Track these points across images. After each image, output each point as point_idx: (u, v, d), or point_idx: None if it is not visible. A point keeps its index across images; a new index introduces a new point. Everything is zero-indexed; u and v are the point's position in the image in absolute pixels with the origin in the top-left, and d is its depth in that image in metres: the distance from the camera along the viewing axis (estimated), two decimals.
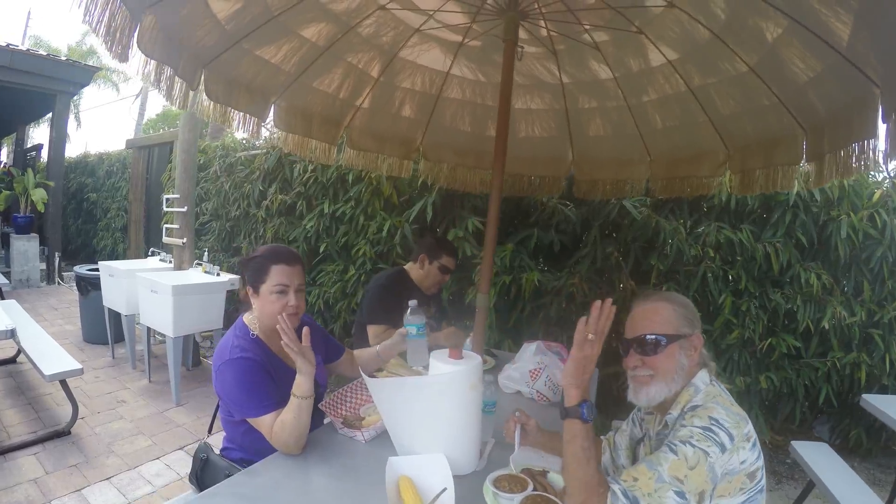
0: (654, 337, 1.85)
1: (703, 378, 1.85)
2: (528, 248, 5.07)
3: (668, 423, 1.83)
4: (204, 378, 6.06)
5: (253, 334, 2.37)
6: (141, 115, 28.66)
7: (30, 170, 11.33)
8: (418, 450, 2.12)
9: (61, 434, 4.62)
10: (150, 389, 5.75)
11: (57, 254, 11.35)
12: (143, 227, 10.06)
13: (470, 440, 2.16)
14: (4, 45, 10.57)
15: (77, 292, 7.15)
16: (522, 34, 3.16)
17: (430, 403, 2.08)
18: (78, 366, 4.63)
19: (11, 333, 3.90)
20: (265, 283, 2.31)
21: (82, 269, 7.08)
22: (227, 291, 5.78)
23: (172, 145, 8.59)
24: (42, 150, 17.13)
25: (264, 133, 4.41)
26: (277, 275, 2.31)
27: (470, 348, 3.17)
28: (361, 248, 5.54)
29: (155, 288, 5.33)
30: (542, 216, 5.16)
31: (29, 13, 44.75)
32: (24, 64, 10.79)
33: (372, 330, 3.63)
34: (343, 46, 3.45)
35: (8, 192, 11.42)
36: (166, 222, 6.56)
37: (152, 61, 2.60)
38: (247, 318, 2.44)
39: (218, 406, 2.58)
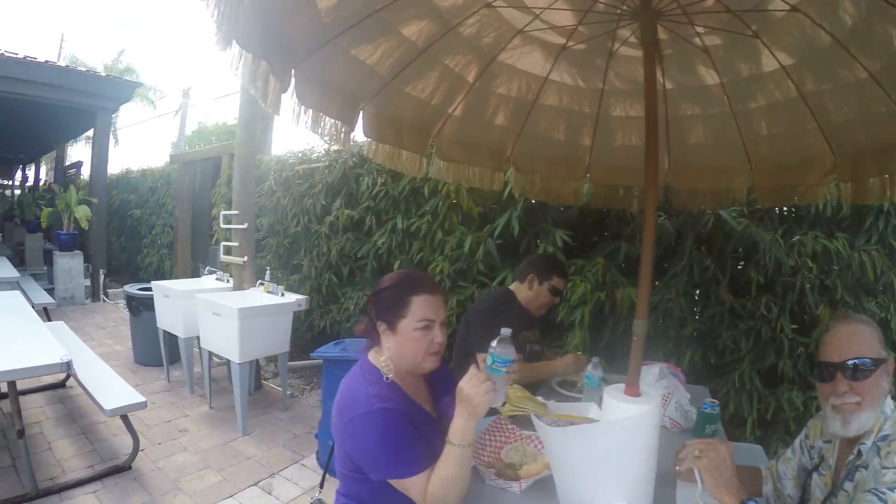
0: (863, 361, 1.73)
1: (889, 404, 1.75)
2: (617, 262, 4.69)
3: (861, 453, 1.71)
4: (267, 403, 5.70)
5: (387, 378, 2.01)
6: (181, 130, 28.85)
7: (72, 187, 11.13)
8: (595, 500, 1.83)
9: (121, 469, 4.27)
10: (213, 417, 5.39)
11: (102, 271, 11.14)
12: (190, 244, 9.82)
13: (651, 484, 1.91)
14: (43, 61, 10.48)
15: (127, 312, 6.87)
16: (624, 33, 2.98)
17: (613, 449, 1.81)
18: (141, 398, 4.28)
19: (67, 366, 3.53)
20: (406, 318, 1.96)
21: (133, 289, 6.82)
22: (294, 312, 5.44)
23: (220, 160, 8.35)
24: (82, 168, 17.15)
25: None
26: (422, 307, 1.97)
27: (599, 376, 2.91)
28: (439, 265, 5.16)
29: (218, 311, 4.99)
30: (630, 227, 4.80)
31: (62, 35, 45.18)
32: (64, 81, 10.68)
33: (482, 359, 3.26)
34: (442, 47, 3.11)
35: (50, 210, 11.35)
36: (224, 239, 6.24)
37: (247, 55, 2.29)
38: (374, 358, 2.07)
39: (330, 455, 2.34)
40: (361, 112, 3.20)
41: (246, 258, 5.80)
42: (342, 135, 3.10)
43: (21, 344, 3.88)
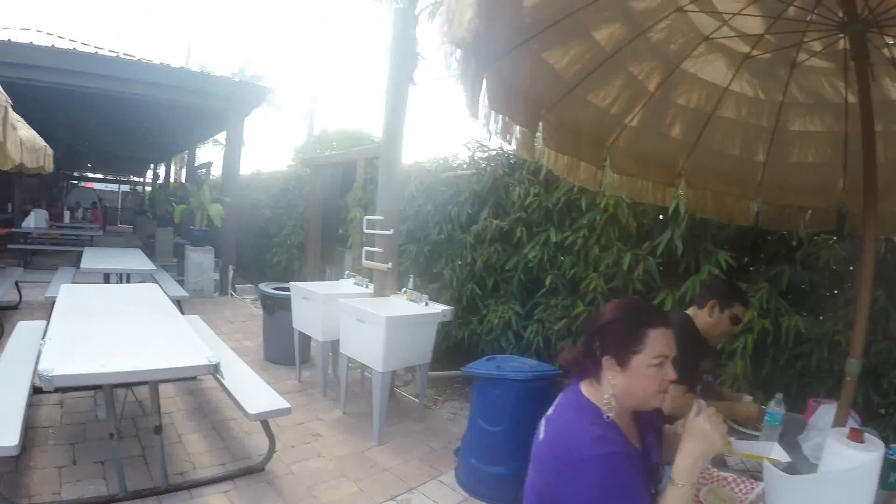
0: None
1: None
2: (779, 287, 4.28)
3: None
4: (401, 413, 5.50)
5: (607, 417, 1.78)
6: (309, 135, 29.42)
7: (206, 186, 11.47)
8: None
9: (254, 471, 4.16)
10: (346, 423, 5.24)
11: (231, 266, 11.45)
12: (320, 246, 9.89)
13: None
14: (179, 67, 10.87)
15: (254, 308, 6.87)
16: (814, 45, 2.82)
17: (845, 497, 1.75)
18: (285, 404, 4.13)
19: (215, 369, 3.36)
20: (640, 354, 1.76)
21: (268, 288, 6.84)
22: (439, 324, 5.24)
23: (352, 164, 8.32)
24: (211, 168, 17.73)
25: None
26: (658, 342, 1.76)
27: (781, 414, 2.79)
28: (593, 281, 4.86)
29: (363, 317, 4.85)
30: (789, 249, 4.40)
31: (189, 48, 47.33)
32: (201, 85, 11.17)
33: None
34: (628, 53, 2.89)
35: (183, 207, 11.76)
36: (367, 244, 6.12)
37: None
38: (591, 393, 1.86)
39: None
40: (541, 120, 3.00)
41: (390, 265, 5.66)
42: (529, 143, 2.94)
43: (165, 341, 3.80)
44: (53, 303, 7.19)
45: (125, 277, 7.90)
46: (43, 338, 3.41)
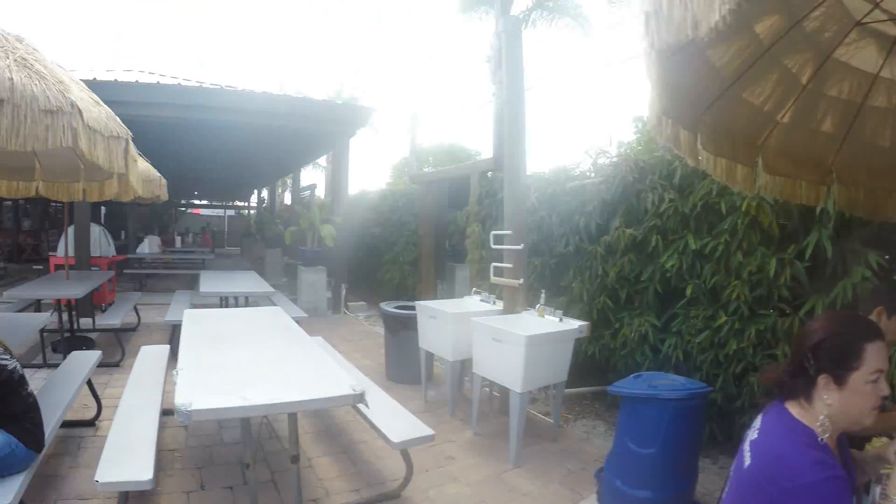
0: None
1: None
2: None
3: None
4: (533, 433, 5.27)
5: (821, 440, 1.69)
6: (413, 151, 29.57)
7: (316, 207, 11.58)
8: None
9: (390, 497, 4.06)
10: (479, 444, 5.09)
11: (343, 285, 11.59)
12: (434, 262, 9.82)
13: None
14: (283, 94, 11.12)
15: (368, 325, 6.81)
16: None
17: None
18: (428, 431, 4.01)
19: (360, 398, 3.15)
20: (859, 370, 1.67)
21: (390, 307, 6.80)
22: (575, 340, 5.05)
23: (462, 179, 8.21)
24: (315, 190, 18.02)
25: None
26: (875, 356, 1.67)
27: None
28: (735, 290, 4.55)
29: (500, 336, 4.69)
30: None
31: (282, 76, 48.70)
32: (304, 110, 11.32)
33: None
34: (785, 45, 2.68)
35: (293, 228, 11.84)
36: (495, 259, 5.97)
37: None
38: (801, 414, 1.74)
39: None
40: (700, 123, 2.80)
41: (521, 281, 5.49)
42: (693, 146, 2.79)
43: (302, 368, 3.70)
44: (173, 327, 7.48)
45: (242, 300, 8.00)
46: (174, 368, 3.36)
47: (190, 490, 4.06)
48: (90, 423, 5.19)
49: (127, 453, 3.35)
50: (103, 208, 20.46)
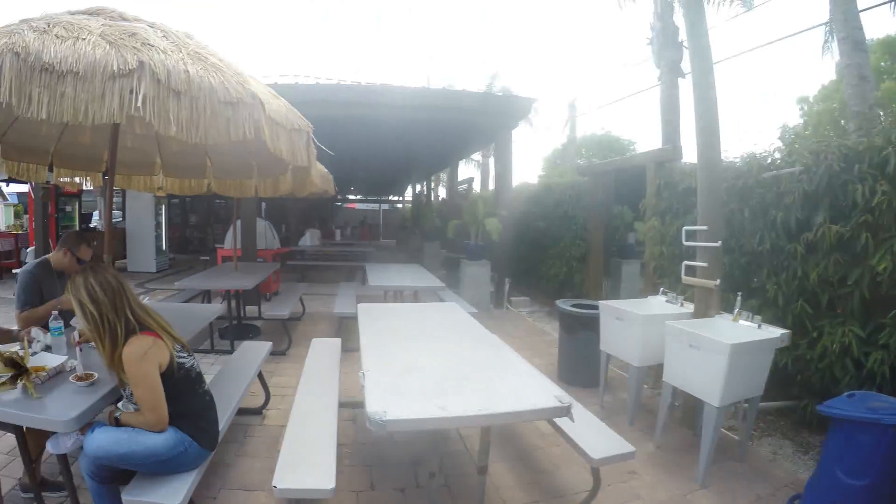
0: None
1: None
2: None
3: None
4: (717, 448, 4.71)
5: None
6: (571, 142, 29.18)
7: (480, 201, 11.42)
8: None
9: None
10: (661, 459, 4.71)
11: (507, 280, 11.45)
12: (602, 258, 9.42)
13: None
14: (441, 88, 11.00)
15: (532, 321, 6.51)
16: None
17: None
18: (629, 447, 3.64)
19: (567, 411, 2.83)
20: None
21: (567, 305, 6.52)
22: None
23: (636, 170, 7.74)
24: (472, 183, 17.93)
25: None
26: None
27: None
28: None
29: (698, 343, 4.31)
30: None
31: (428, 69, 48.82)
32: (465, 103, 11.24)
33: None
34: None
35: (457, 222, 11.77)
36: (686, 257, 5.50)
37: None
38: None
39: None
40: None
41: (718, 281, 5.02)
42: None
43: (497, 373, 3.41)
44: (340, 319, 7.50)
45: (409, 294, 7.92)
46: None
47: (360, 490, 4.00)
48: (257, 412, 5.30)
49: (306, 457, 3.26)
50: (263, 203, 21.30)
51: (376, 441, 4.64)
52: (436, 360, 3.61)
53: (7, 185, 21.73)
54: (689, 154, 6.78)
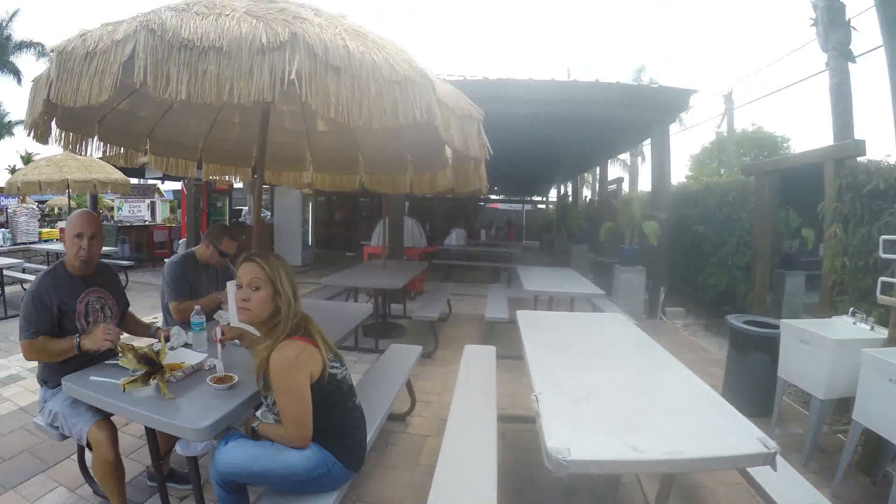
0: None
1: None
2: None
3: None
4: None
5: None
6: (730, 136, 27.82)
7: (635, 201, 10.78)
8: None
9: None
10: None
11: (662, 289, 10.68)
12: (769, 268, 8.55)
13: None
14: (593, 81, 10.36)
15: (687, 334, 5.86)
16: None
17: None
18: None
19: (772, 458, 2.26)
20: None
21: (738, 321, 5.83)
22: None
23: (813, 168, 6.87)
24: (622, 183, 17.23)
25: None
26: None
27: None
28: None
29: None
30: None
31: (568, 68, 48.12)
32: (619, 97, 10.47)
33: None
34: None
35: (610, 224, 11.32)
36: (887, 273, 4.76)
37: None
38: None
39: None
40: None
41: None
42: None
43: (684, 403, 2.89)
44: (490, 324, 7.16)
45: (565, 301, 7.50)
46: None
47: None
48: (401, 419, 5.07)
49: (463, 484, 2.92)
50: (406, 202, 21.35)
51: (526, 463, 4.28)
52: (613, 383, 3.15)
53: (163, 183, 23.24)
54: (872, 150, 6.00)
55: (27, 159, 38.71)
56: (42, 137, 3.03)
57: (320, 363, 2.71)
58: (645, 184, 25.77)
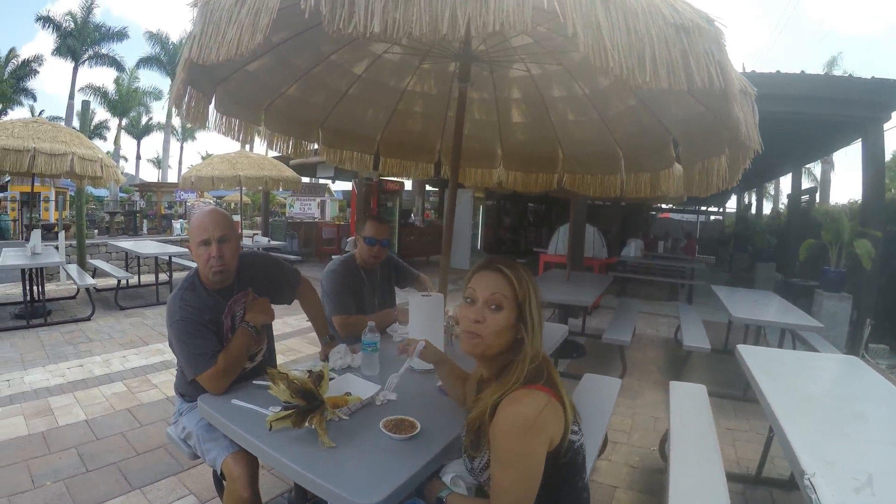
0: None
1: None
2: None
3: None
4: None
5: None
6: None
7: (844, 216, 9.34)
8: None
9: None
10: None
11: (868, 321, 8.97)
12: None
13: None
14: (793, 73, 8.88)
15: None
16: None
17: None
18: None
19: None
20: None
21: None
22: None
23: None
24: (816, 194, 15.58)
25: None
26: None
27: None
28: None
29: None
30: None
31: (742, 62, 44.76)
32: (828, 91, 8.95)
33: None
34: None
35: (812, 242, 9.93)
36: None
37: None
38: None
39: None
40: None
41: None
42: None
43: None
44: (688, 353, 6.20)
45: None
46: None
47: None
48: None
49: None
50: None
51: None
52: (892, 462, 2.28)
53: (333, 183, 23.87)
54: None
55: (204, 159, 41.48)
56: (195, 119, 2.66)
57: (562, 425, 1.81)
58: (837, 195, 23.66)
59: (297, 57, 3.55)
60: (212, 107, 3.12)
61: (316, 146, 4.45)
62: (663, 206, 32.25)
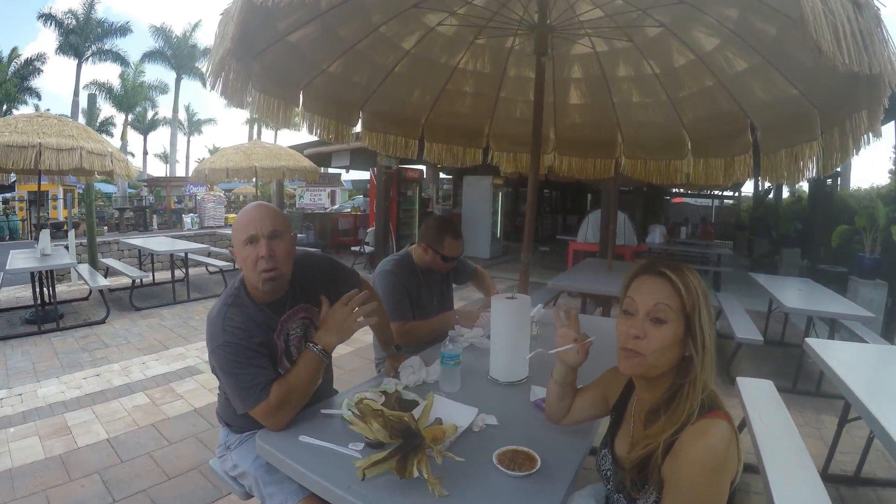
0: None
1: None
2: None
3: None
4: None
5: None
6: None
7: (879, 200, 9.08)
8: None
9: None
10: None
11: None
12: None
13: None
14: None
15: None
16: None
17: None
18: None
19: None
20: None
21: None
22: None
23: None
24: (838, 179, 15.10)
25: None
26: None
27: None
28: None
29: None
30: None
31: None
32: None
33: None
34: None
35: (844, 228, 9.66)
36: None
37: None
38: None
39: None
40: None
41: None
42: None
43: None
44: (738, 345, 5.79)
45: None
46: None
47: None
48: None
49: None
50: (589, 194, 20.20)
51: None
52: None
53: (347, 172, 23.60)
54: None
55: (214, 153, 41.40)
56: (232, 94, 2.32)
57: (740, 458, 1.47)
58: (857, 180, 23.17)
59: (344, 27, 3.18)
60: (249, 85, 2.74)
61: (357, 130, 4.04)
62: (676, 190, 31.89)
